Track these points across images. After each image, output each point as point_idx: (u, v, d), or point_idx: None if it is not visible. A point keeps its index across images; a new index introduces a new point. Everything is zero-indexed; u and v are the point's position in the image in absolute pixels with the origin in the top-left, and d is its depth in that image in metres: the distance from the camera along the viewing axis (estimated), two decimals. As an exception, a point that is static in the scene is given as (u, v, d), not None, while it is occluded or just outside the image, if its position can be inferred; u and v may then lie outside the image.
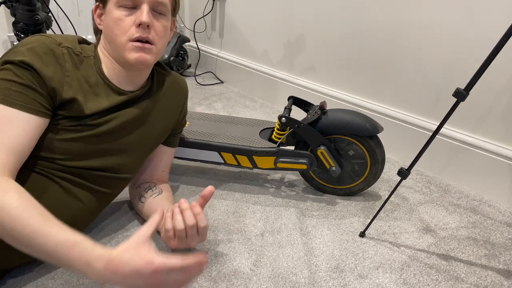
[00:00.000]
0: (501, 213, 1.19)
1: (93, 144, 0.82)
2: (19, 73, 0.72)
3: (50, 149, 0.78)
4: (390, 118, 1.51)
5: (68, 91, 0.77)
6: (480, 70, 0.80)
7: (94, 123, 0.81)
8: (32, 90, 0.73)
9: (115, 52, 0.83)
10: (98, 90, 0.83)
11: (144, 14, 0.79)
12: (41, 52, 0.75)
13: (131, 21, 0.80)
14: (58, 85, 0.76)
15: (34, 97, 0.73)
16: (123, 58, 0.82)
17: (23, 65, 0.72)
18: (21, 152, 0.72)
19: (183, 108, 1.05)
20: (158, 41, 0.83)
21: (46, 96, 0.75)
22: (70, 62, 0.79)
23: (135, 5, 0.80)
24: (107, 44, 0.84)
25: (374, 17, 1.48)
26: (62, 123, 0.78)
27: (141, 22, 0.79)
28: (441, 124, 0.87)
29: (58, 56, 0.77)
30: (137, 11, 0.80)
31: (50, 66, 0.75)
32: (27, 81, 0.72)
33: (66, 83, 0.77)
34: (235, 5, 2.14)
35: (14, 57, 0.73)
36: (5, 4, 1.38)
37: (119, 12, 0.79)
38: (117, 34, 0.80)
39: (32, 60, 0.73)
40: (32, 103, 0.72)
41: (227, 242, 0.97)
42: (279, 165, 1.15)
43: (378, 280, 0.88)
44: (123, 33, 0.80)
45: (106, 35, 0.83)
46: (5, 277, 0.80)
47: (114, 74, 0.85)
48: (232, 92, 2.18)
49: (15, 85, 0.72)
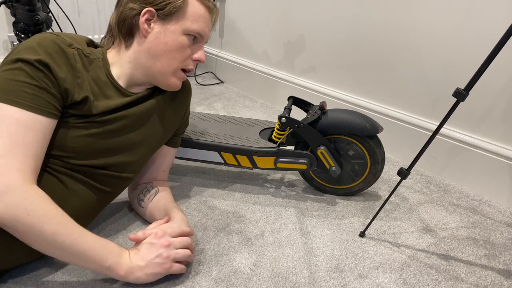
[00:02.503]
0: (501, 213, 1.19)
1: (98, 142, 0.82)
2: (33, 74, 0.71)
3: (56, 146, 0.77)
4: (390, 118, 1.51)
5: (80, 92, 0.77)
6: (480, 70, 0.80)
7: (100, 120, 0.81)
8: (46, 92, 0.72)
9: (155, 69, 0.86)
10: (107, 91, 0.83)
11: (203, 54, 0.89)
12: (53, 51, 0.74)
13: (190, 52, 0.87)
14: (70, 86, 0.76)
15: (48, 99, 0.72)
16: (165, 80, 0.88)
17: (36, 65, 0.71)
18: (42, 157, 0.73)
19: (187, 108, 1.05)
20: None
21: (59, 97, 0.74)
22: (80, 63, 0.78)
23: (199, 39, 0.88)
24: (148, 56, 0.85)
25: (374, 17, 1.48)
26: (69, 120, 0.78)
27: (200, 61, 0.89)
28: (441, 124, 0.87)
29: (69, 57, 0.76)
30: (196, 44, 0.88)
31: (62, 66, 0.74)
32: (41, 83, 0.71)
33: (77, 84, 0.77)
34: (235, 5, 2.14)
35: (26, 56, 0.71)
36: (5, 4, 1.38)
37: (186, 39, 0.85)
38: (175, 59, 0.85)
39: (46, 59, 0.72)
40: (47, 105, 0.72)
41: (227, 242, 0.97)
42: (279, 165, 1.15)
43: (378, 280, 0.88)
44: (180, 61, 0.86)
45: (154, 49, 0.84)
46: (5, 277, 0.80)
47: (123, 77, 0.86)
48: (232, 92, 2.18)
49: (30, 87, 0.70)
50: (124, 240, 0.94)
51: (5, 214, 0.64)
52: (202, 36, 0.87)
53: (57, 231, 0.68)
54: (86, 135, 0.80)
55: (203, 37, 0.88)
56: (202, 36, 0.87)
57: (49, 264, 0.84)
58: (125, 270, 0.75)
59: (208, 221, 1.04)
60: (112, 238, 0.95)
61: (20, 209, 0.65)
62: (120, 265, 0.74)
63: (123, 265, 0.75)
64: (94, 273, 0.83)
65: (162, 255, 0.78)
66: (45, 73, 0.72)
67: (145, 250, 0.78)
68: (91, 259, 0.72)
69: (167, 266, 0.79)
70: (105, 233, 0.96)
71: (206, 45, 2.44)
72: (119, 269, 0.74)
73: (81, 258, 0.71)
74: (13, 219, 0.65)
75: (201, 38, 0.88)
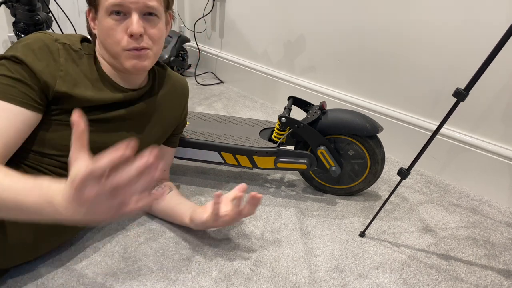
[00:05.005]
0: (501, 213, 1.19)
1: (92, 141, 0.82)
2: (11, 67, 0.73)
3: (47, 144, 0.78)
4: (390, 118, 1.51)
5: (62, 85, 0.77)
6: (480, 70, 0.80)
7: (94, 118, 0.81)
8: (23, 84, 0.73)
9: (111, 58, 0.82)
10: (98, 84, 0.83)
11: (134, 24, 0.76)
12: (35, 47, 0.75)
13: (123, 29, 0.78)
14: (50, 78, 0.76)
15: (25, 91, 0.73)
16: (120, 65, 0.81)
17: (14, 59, 0.73)
18: (7, 144, 0.71)
19: (184, 108, 1.05)
20: (153, 45, 0.82)
21: (38, 90, 0.75)
22: (65, 57, 0.79)
23: (125, 12, 0.77)
24: (103, 49, 0.83)
25: (374, 17, 1.48)
26: (61, 118, 0.78)
27: (132, 34, 0.77)
28: (441, 124, 0.87)
29: (52, 51, 0.77)
30: (127, 18, 0.78)
31: (42, 60, 0.75)
32: (17, 75, 0.73)
33: (59, 77, 0.77)
34: (235, 5, 2.14)
35: (8, 53, 0.74)
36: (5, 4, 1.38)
37: (110, 20, 0.77)
38: (111, 44, 0.79)
39: (23, 55, 0.74)
40: (22, 96, 0.73)
41: (227, 242, 0.97)
42: (279, 165, 1.15)
43: (378, 280, 0.88)
44: (116, 43, 0.78)
45: (101, 41, 0.83)
46: (5, 277, 0.80)
47: (111, 74, 0.85)
48: (232, 92, 2.18)
49: (5, 78, 0.72)
50: (124, 240, 0.94)
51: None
52: (122, 5, 0.76)
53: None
54: None
55: (127, 7, 0.76)
56: (123, 5, 0.76)
57: (49, 264, 0.84)
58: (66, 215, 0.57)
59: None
60: (111, 237, 0.95)
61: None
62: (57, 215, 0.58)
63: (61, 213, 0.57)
64: (94, 273, 0.83)
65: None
66: (22, 65, 0.73)
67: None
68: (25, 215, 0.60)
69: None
70: (105, 232, 0.96)
71: (207, 45, 2.44)
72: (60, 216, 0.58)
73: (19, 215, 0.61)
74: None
75: (127, 8, 0.76)
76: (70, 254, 0.88)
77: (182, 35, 2.22)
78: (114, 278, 0.82)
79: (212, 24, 2.34)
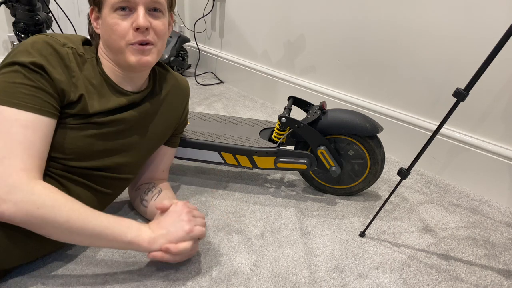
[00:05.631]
0: (501, 213, 1.19)
1: (96, 144, 0.82)
2: (30, 75, 0.72)
3: (54, 147, 0.78)
4: (390, 118, 1.51)
5: (75, 92, 0.78)
6: (480, 70, 0.80)
7: (99, 121, 0.82)
8: (44, 92, 0.73)
9: (115, 56, 0.82)
10: (102, 90, 0.83)
11: (141, 18, 0.77)
12: (47, 53, 0.75)
13: (128, 24, 0.78)
14: (66, 86, 0.76)
15: (46, 99, 0.73)
16: (124, 61, 0.81)
17: (31, 67, 0.72)
18: (45, 155, 0.75)
19: (185, 108, 1.05)
20: (158, 40, 0.82)
21: (56, 97, 0.75)
22: (74, 63, 0.79)
23: (131, 7, 0.78)
24: (106, 48, 0.83)
25: (374, 17, 1.48)
26: (67, 121, 0.78)
27: (138, 27, 0.77)
28: (441, 124, 0.87)
29: (63, 57, 0.77)
30: (133, 13, 0.78)
31: (56, 67, 0.75)
32: (38, 84, 0.72)
33: (72, 84, 0.78)
34: (235, 5, 2.14)
35: (22, 58, 0.72)
36: (5, 4, 1.38)
37: (116, 16, 0.78)
38: (115, 39, 0.79)
39: (40, 61, 0.73)
40: (45, 105, 0.73)
41: (227, 242, 0.97)
42: (279, 165, 1.15)
43: (378, 280, 0.88)
44: (121, 38, 0.78)
45: (104, 40, 0.82)
46: (6, 277, 0.80)
47: (114, 76, 0.85)
48: (232, 92, 2.18)
49: (27, 88, 0.71)
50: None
51: (17, 212, 0.67)
52: (129, 1, 0.77)
53: (70, 217, 0.70)
54: (84, 136, 0.80)
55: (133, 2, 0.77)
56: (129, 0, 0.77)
57: (49, 264, 0.84)
58: (148, 241, 0.77)
59: (208, 221, 1.04)
60: (112, 238, 0.95)
61: (29, 204, 0.68)
62: (142, 237, 0.77)
63: (145, 236, 0.77)
64: (94, 273, 0.83)
65: (184, 218, 0.81)
66: (41, 74, 0.73)
67: (166, 218, 0.81)
68: (110, 237, 0.74)
69: (189, 228, 0.80)
70: (105, 233, 0.96)
71: (207, 45, 2.44)
72: (141, 241, 0.76)
73: (101, 239, 0.74)
74: (25, 215, 0.68)
75: (133, 3, 0.77)
76: (70, 254, 0.88)
77: (182, 35, 2.23)
78: (114, 278, 0.82)
79: (212, 24, 2.34)
